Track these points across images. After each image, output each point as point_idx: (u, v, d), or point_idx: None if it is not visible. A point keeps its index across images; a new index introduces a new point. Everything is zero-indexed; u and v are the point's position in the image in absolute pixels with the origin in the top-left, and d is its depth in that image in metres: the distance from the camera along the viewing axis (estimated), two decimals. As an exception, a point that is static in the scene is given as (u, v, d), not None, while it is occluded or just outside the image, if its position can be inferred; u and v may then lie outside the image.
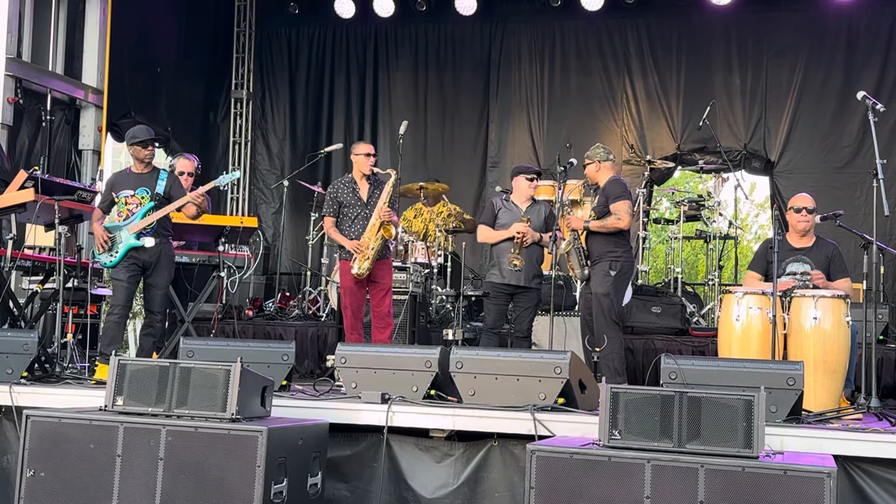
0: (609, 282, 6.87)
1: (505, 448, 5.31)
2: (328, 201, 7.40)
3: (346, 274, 7.20)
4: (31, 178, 7.34)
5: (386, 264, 7.32)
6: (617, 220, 6.90)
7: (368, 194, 7.29)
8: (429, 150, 11.75)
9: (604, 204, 6.98)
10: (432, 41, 11.93)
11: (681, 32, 11.09)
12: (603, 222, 6.93)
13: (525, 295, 7.42)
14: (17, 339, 6.36)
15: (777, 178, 10.63)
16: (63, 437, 4.83)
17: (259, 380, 5.01)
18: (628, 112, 11.13)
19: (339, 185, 7.40)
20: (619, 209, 6.90)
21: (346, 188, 7.34)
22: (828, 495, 3.92)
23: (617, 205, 6.91)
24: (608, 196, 6.97)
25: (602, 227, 6.94)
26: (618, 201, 6.92)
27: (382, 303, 7.20)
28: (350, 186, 7.33)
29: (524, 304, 7.43)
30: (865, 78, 10.13)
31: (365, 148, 7.41)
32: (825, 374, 5.92)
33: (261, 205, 12.33)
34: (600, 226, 6.93)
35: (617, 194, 6.95)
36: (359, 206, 7.26)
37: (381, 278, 7.23)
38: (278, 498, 4.64)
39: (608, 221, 6.92)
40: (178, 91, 11.45)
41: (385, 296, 7.23)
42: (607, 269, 6.90)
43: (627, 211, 6.90)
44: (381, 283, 7.22)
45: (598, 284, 6.90)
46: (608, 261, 6.92)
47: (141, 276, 6.98)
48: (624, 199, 6.93)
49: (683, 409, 4.25)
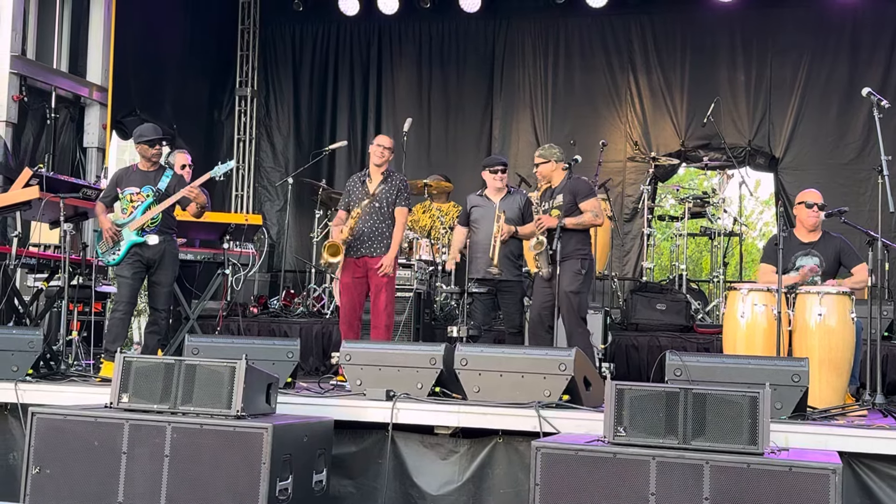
0: (580, 280, 6.83)
1: (510, 445, 5.31)
2: (343, 195, 7.44)
3: (344, 270, 7.18)
4: (36, 176, 7.35)
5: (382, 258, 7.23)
6: (594, 216, 6.88)
7: (376, 187, 7.23)
8: (432, 147, 11.74)
9: (571, 202, 6.89)
10: (436, 38, 11.91)
11: (685, 29, 11.06)
12: (579, 220, 6.85)
13: (508, 290, 7.38)
14: (22, 337, 6.37)
15: (782, 174, 10.61)
16: (68, 434, 4.84)
17: (264, 377, 5.02)
18: (632, 109, 11.11)
19: (354, 178, 7.41)
20: (593, 206, 6.89)
21: (357, 180, 7.33)
22: (833, 492, 3.92)
23: (589, 202, 6.89)
24: (576, 194, 6.90)
25: (579, 224, 6.87)
26: (588, 199, 6.90)
27: (378, 299, 7.14)
28: (361, 179, 7.32)
29: (509, 298, 7.39)
30: (870, 74, 10.10)
31: (380, 139, 7.36)
32: (830, 371, 5.92)
33: (265, 202, 12.33)
34: (576, 223, 6.85)
35: (585, 192, 6.93)
36: (363, 198, 7.19)
37: (375, 272, 7.14)
38: (283, 495, 4.65)
39: (585, 219, 6.85)
40: (184, 89, 11.45)
41: (381, 292, 7.13)
42: (578, 267, 6.85)
43: (601, 208, 6.95)
44: (377, 279, 7.14)
45: (570, 283, 6.80)
46: (578, 259, 6.87)
47: (145, 273, 6.98)
48: (594, 197, 6.96)
49: (688, 405, 4.25)
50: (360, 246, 7.14)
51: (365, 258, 7.14)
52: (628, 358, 8.30)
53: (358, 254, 7.15)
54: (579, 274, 6.84)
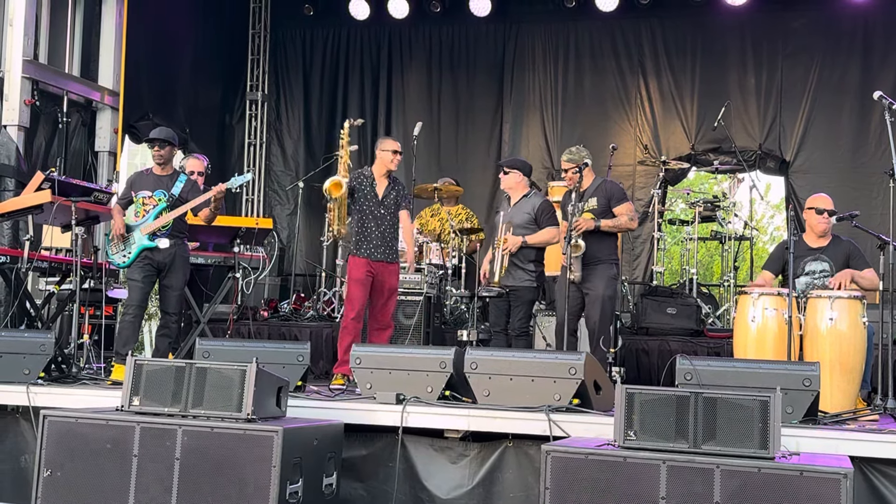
0: (614, 285, 6.87)
1: (520, 449, 5.31)
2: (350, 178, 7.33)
3: (354, 268, 7.12)
4: (48, 180, 7.39)
5: (393, 267, 7.25)
6: (630, 220, 6.91)
7: (384, 193, 7.24)
8: (442, 152, 11.75)
9: (605, 206, 6.90)
10: (446, 42, 11.93)
11: (695, 32, 11.06)
12: (616, 222, 6.88)
13: (515, 293, 7.33)
14: (33, 340, 6.39)
15: (792, 178, 10.59)
16: (80, 437, 4.85)
17: (274, 380, 5.03)
18: (642, 112, 11.10)
19: (359, 173, 7.32)
20: (628, 210, 6.91)
21: (364, 179, 7.27)
22: (844, 496, 3.90)
23: (624, 206, 6.91)
24: (610, 198, 6.91)
25: (616, 227, 6.91)
26: (623, 203, 6.93)
27: (386, 306, 7.17)
28: (369, 179, 7.27)
29: (515, 302, 7.34)
30: (882, 78, 10.07)
31: (392, 144, 7.31)
32: (841, 376, 5.90)
33: (275, 206, 12.35)
34: (613, 226, 6.89)
35: (619, 196, 6.96)
36: (373, 202, 7.19)
37: (386, 278, 7.16)
38: (294, 498, 4.65)
39: (621, 221, 6.89)
40: (196, 93, 11.49)
41: (389, 299, 7.18)
42: (614, 271, 6.88)
43: (635, 212, 6.96)
44: (386, 284, 7.16)
45: (606, 287, 6.81)
46: (610, 263, 6.89)
47: (156, 276, 7.01)
48: (628, 202, 6.98)
49: (699, 409, 4.24)
50: (373, 250, 7.14)
51: (379, 262, 7.15)
52: (639, 362, 8.30)
53: (372, 256, 7.13)
54: (614, 279, 6.86)
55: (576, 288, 6.83)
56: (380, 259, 7.15)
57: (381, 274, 7.15)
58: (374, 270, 7.14)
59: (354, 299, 7.11)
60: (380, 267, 7.14)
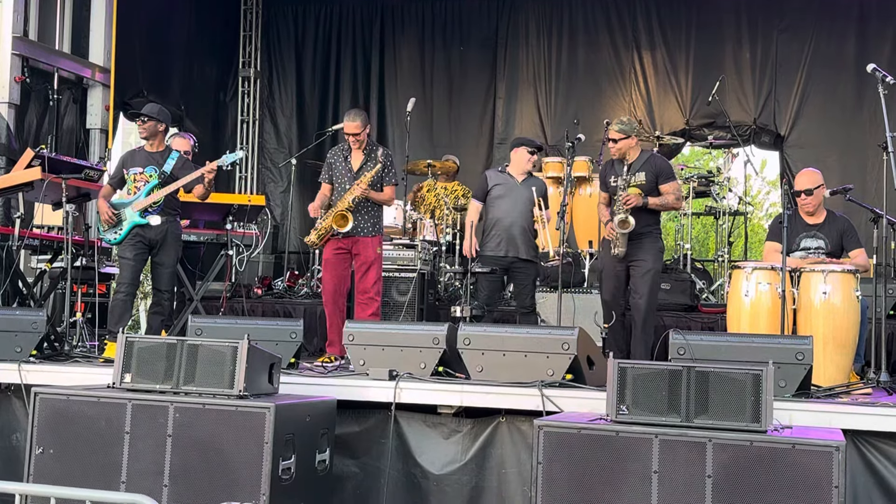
0: (661, 258, 6.73)
1: (513, 424, 5.31)
2: (324, 168, 7.26)
3: (326, 246, 7.10)
4: (38, 157, 7.34)
5: (368, 240, 7.08)
6: (676, 199, 6.74)
7: (360, 164, 7.10)
8: (435, 128, 11.70)
9: (653, 182, 6.62)
10: (439, 18, 11.85)
11: (690, 6, 10.98)
12: (664, 200, 6.63)
13: (522, 270, 7.31)
14: (25, 318, 6.37)
15: (787, 152, 10.56)
16: (72, 414, 4.84)
17: (266, 357, 5.01)
18: (636, 87, 11.05)
19: (336, 150, 7.26)
20: (675, 189, 6.71)
21: (339, 155, 7.19)
22: (836, 469, 3.90)
23: (672, 184, 6.67)
24: (658, 174, 6.64)
25: (663, 205, 6.68)
26: (671, 181, 6.69)
27: (365, 278, 7.03)
28: (343, 154, 7.18)
29: (522, 278, 7.32)
30: (877, 51, 10.02)
31: (346, 127, 7.05)
32: (835, 349, 5.90)
33: (269, 183, 12.31)
34: (660, 204, 6.64)
35: (668, 174, 6.71)
36: (347, 175, 7.09)
37: (362, 251, 7.04)
38: (286, 474, 4.65)
39: (668, 199, 6.64)
40: (190, 70, 11.43)
41: (368, 271, 7.03)
42: (661, 245, 6.72)
43: (682, 191, 6.74)
44: (362, 256, 7.04)
45: (654, 260, 6.59)
46: (656, 236, 6.70)
47: (148, 254, 6.98)
48: (676, 180, 6.77)
49: (691, 383, 4.24)
50: None
51: (351, 237, 7.03)
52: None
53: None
54: (661, 252, 6.73)
55: (619, 263, 6.61)
56: (351, 234, 7.01)
57: (355, 247, 7.04)
58: (346, 246, 7.04)
59: (325, 283, 7.10)
60: (351, 242, 7.03)
